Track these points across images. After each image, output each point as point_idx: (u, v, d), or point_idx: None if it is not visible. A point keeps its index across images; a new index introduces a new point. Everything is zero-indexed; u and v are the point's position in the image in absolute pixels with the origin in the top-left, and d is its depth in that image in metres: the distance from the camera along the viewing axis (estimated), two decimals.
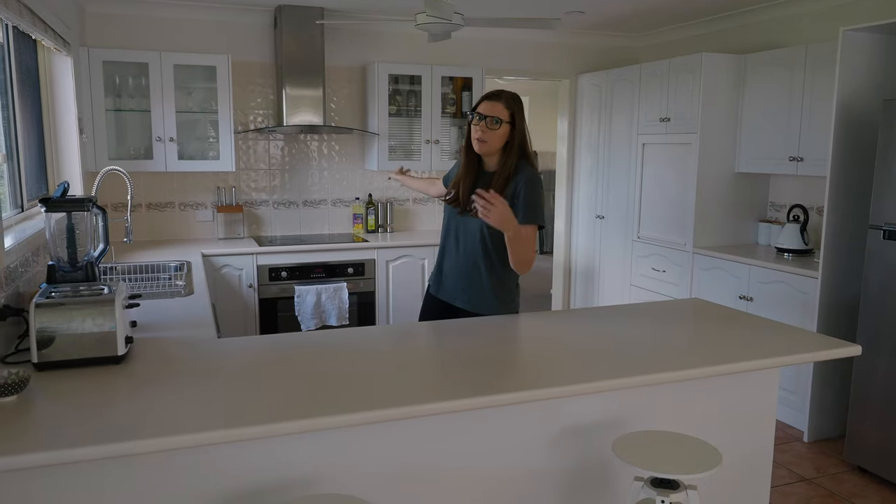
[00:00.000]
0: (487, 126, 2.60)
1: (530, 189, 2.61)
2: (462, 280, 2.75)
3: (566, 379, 1.93)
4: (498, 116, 2.60)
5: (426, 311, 2.94)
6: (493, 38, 5.63)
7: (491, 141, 2.62)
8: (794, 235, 4.33)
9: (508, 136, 2.63)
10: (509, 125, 2.62)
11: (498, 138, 2.62)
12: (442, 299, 2.83)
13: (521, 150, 2.66)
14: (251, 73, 5.04)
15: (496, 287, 2.71)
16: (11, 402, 1.67)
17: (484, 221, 2.52)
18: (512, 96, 2.67)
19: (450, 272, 2.80)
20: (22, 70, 3.20)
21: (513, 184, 2.62)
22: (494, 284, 2.71)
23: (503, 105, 2.62)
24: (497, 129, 2.60)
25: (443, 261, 2.85)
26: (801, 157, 4.24)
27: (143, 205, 4.90)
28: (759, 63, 4.55)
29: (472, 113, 2.67)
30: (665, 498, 1.89)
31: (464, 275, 2.74)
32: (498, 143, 2.63)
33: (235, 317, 4.56)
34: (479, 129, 2.62)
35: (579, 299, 6.23)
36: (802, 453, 3.78)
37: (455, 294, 2.78)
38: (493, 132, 2.60)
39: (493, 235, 2.65)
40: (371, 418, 1.70)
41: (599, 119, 5.79)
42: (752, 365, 2.14)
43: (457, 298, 2.77)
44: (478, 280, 2.71)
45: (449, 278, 2.81)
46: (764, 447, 2.52)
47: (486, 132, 2.60)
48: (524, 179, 2.62)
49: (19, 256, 2.31)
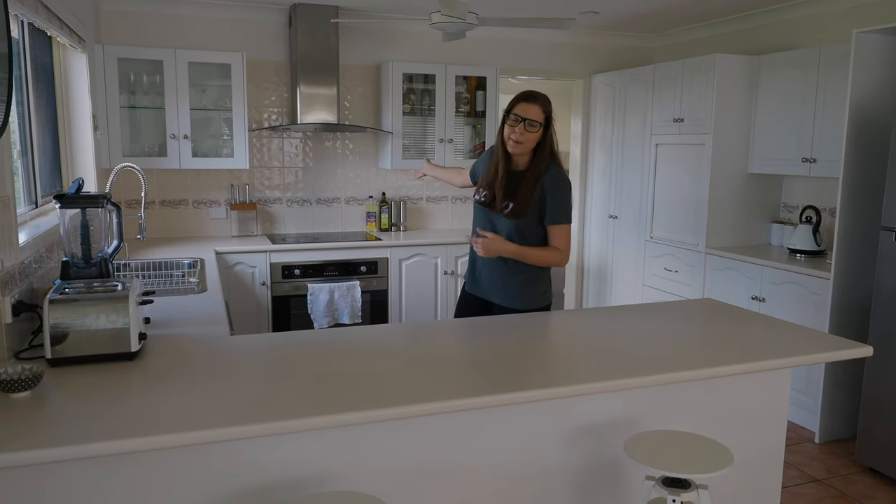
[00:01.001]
0: (526, 129, 2.66)
1: (558, 190, 2.71)
2: (496, 277, 2.83)
3: (579, 378, 1.93)
4: (536, 119, 2.66)
5: (462, 308, 3.02)
6: (508, 37, 5.63)
7: (526, 143, 2.69)
8: (806, 236, 4.31)
9: (542, 138, 2.70)
10: (544, 129, 2.69)
11: (532, 141, 2.70)
12: (478, 296, 2.92)
13: (551, 152, 2.74)
14: (266, 71, 5.06)
15: (528, 282, 2.81)
16: (25, 397, 1.69)
17: (519, 221, 2.70)
18: (547, 99, 2.73)
19: (483, 270, 2.88)
20: (37, 67, 3.22)
21: (541, 185, 2.70)
22: (526, 280, 2.80)
23: (540, 107, 2.68)
24: (533, 133, 2.67)
25: (476, 258, 2.91)
26: (814, 158, 4.22)
27: (156, 202, 4.94)
28: (772, 64, 4.53)
29: (510, 113, 2.71)
30: (676, 497, 1.88)
31: (497, 272, 2.82)
32: (532, 144, 2.70)
33: (248, 314, 4.58)
34: (517, 131, 2.67)
35: (592, 299, 6.22)
36: (814, 454, 3.76)
37: (490, 290, 2.86)
38: (530, 134, 2.67)
39: (521, 233, 2.73)
40: (383, 416, 1.70)
41: (613, 119, 5.77)
42: (763, 365, 2.13)
43: (492, 295, 2.85)
44: (510, 276, 2.80)
45: (483, 276, 2.88)
46: (775, 447, 2.51)
47: (523, 134, 2.66)
48: (551, 180, 2.70)
49: (33, 252, 2.33)
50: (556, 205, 2.71)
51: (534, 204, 2.72)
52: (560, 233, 2.76)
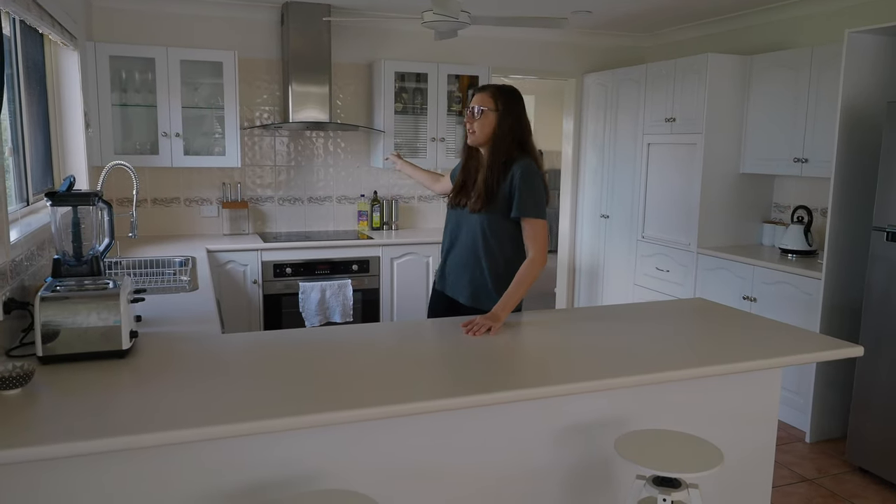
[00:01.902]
0: (473, 116, 2.64)
1: (527, 181, 2.58)
2: (464, 275, 2.75)
3: (569, 377, 1.94)
4: (480, 106, 2.63)
5: (433, 307, 2.97)
6: (500, 36, 5.63)
7: (479, 130, 2.65)
8: (797, 236, 4.33)
9: (496, 125, 2.63)
10: (496, 114, 2.63)
11: (485, 127, 2.64)
12: (447, 294, 2.85)
13: (514, 141, 2.64)
14: (258, 70, 5.05)
15: (497, 282, 2.68)
16: (16, 395, 1.68)
17: (485, 216, 2.62)
18: (500, 88, 2.68)
19: (453, 267, 2.81)
20: (29, 64, 3.21)
21: (509, 175, 2.61)
22: (495, 280, 2.69)
23: (487, 95, 2.65)
24: (482, 119, 2.63)
25: (447, 256, 2.86)
26: (805, 158, 4.24)
27: (148, 200, 4.92)
28: (764, 64, 4.55)
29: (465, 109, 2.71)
30: (667, 496, 1.89)
31: (466, 269, 2.74)
32: (486, 132, 2.64)
33: (240, 312, 4.57)
34: (467, 122, 2.68)
35: (583, 298, 6.23)
36: (804, 453, 3.78)
37: (457, 289, 2.78)
38: (479, 122, 2.64)
39: (493, 230, 2.66)
40: (373, 415, 1.71)
41: (605, 118, 5.78)
42: (754, 365, 2.14)
43: (459, 294, 2.77)
44: (479, 275, 2.70)
45: (452, 273, 2.81)
46: (766, 447, 2.52)
47: (471, 122, 2.65)
48: (521, 171, 2.59)
49: (24, 250, 2.32)
50: (523, 195, 2.56)
51: (502, 195, 2.61)
52: (532, 228, 2.58)
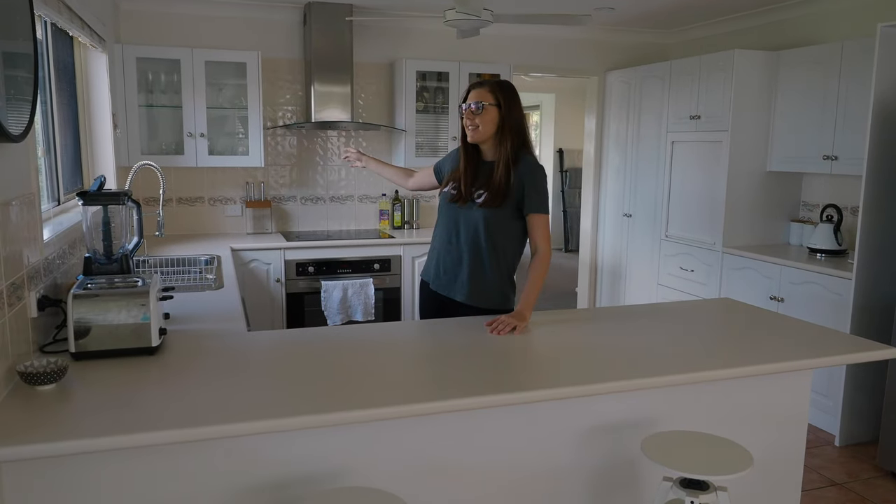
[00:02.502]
0: (473, 112, 2.60)
1: (536, 177, 2.60)
2: (462, 272, 2.68)
3: (595, 377, 1.92)
4: (481, 101, 2.59)
5: (425, 308, 2.88)
6: (522, 34, 5.61)
7: (482, 126, 2.60)
8: (827, 235, 4.27)
9: (499, 120, 2.61)
10: (497, 108, 2.60)
11: (488, 123, 2.60)
12: (441, 294, 2.76)
13: (517, 136, 2.63)
14: (280, 70, 5.07)
15: (499, 279, 2.68)
16: (50, 390, 1.71)
17: (485, 212, 2.59)
18: (498, 83, 2.65)
19: (449, 265, 2.72)
20: (59, 66, 3.25)
21: (518, 172, 2.59)
22: (497, 276, 2.67)
23: (487, 90, 2.62)
24: (482, 114, 2.59)
25: (440, 254, 2.77)
26: (835, 155, 4.18)
27: (173, 199, 4.97)
28: (792, 60, 4.49)
29: (460, 106, 2.67)
30: (694, 499, 1.87)
31: (463, 266, 2.68)
32: (489, 128, 2.60)
33: (263, 311, 4.60)
34: (467, 119, 2.62)
35: (605, 298, 6.20)
36: (834, 457, 3.73)
37: (454, 287, 2.71)
38: (480, 117, 2.59)
39: (497, 225, 2.62)
40: (398, 413, 1.71)
41: (628, 116, 5.74)
42: (784, 366, 2.12)
43: (457, 292, 2.70)
44: (480, 272, 2.66)
45: (448, 272, 2.73)
46: (795, 450, 2.49)
47: (472, 119, 2.60)
48: (529, 169, 2.60)
49: (57, 249, 2.35)
50: (535, 193, 2.59)
51: (510, 192, 2.59)
52: (541, 223, 2.62)
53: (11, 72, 1.67)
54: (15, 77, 1.70)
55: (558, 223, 10.80)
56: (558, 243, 10.84)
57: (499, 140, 2.62)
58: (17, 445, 1.43)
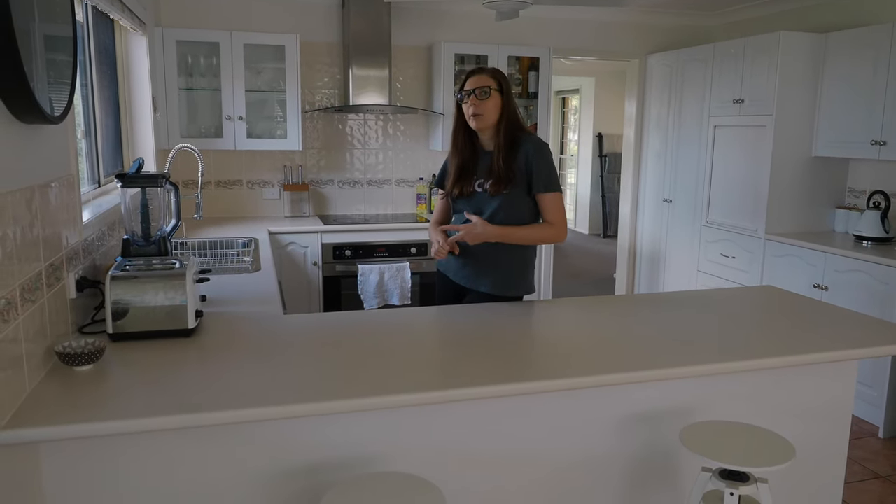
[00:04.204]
0: (478, 97, 2.54)
1: (542, 155, 2.57)
2: (484, 263, 2.64)
3: (633, 365, 1.89)
4: (486, 85, 2.54)
5: (443, 297, 2.83)
6: (561, 17, 5.52)
7: (486, 113, 2.55)
8: (874, 222, 4.14)
9: (501, 106, 2.57)
10: (500, 94, 2.56)
11: (492, 109, 2.56)
12: (462, 285, 2.71)
13: (515, 120, 2.60)
14: (319, 53, 5.07)
15: (520, 266, 2.66)
16: (88, 370, 1.73)
17: (503, 197, 2.56)
18: (496, 70, 2.62)
19: (470, 256, 2.66)
20: (100, 49, 3.29)
21: (522, 153, 2.56)
22: (518, 263, 2.66)
23: (489, 76, 2.57)
24: (488, 100, 2.54)
25: (459, 246, 2.68)
26: (884, 140, 4.04)
27: (212, 182, 5.02)
28: (840, 42, 4.34)
29: (459, 93, 2.61)
30: (734, 490, 1.83)
31: (487, 257, 2.63)
32: (493, 114, 2.56)
33: (300, 294, 4.64)
34: (470, 105, 2.56)
35: (644, 284, 6.11)
36: (878, 449, 3.63)
37: (478, 279, 2.66)
38: (484, 103, 2.54)
39: (513, 209, 2.58)
40: (434, 399, 1.70)
41: (669, 100, 5.63)
42: (828, 356, 2.05)
43: (481, 284, 2.65)
44: (501, 260, 2.63)
45: (469, 264, 2.68)
46: (838, 442, 2.43)
47: (477, 105, 2.54)
48: (534, 148, 2.56)
49: (96, 230, 2.38)
50: (543, 170, 2.54)
51: (518, 173, 2.55)
52: (552, 202, 2.57)
53: (52, 55, 1.69)
54: (55, 60, 1.72)
55: (597, 208, 10.69)
56: (596, 228, 10.74)
57: (498, 127, 2.58)
58: (56, 426, 1.45)
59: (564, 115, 11.84)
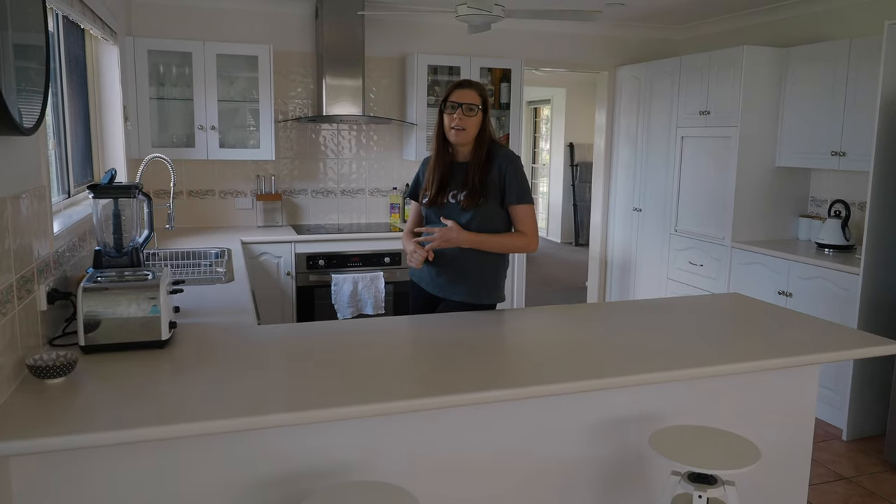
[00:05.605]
0: (464, 113, 2.59)
1: (516, 168, 2.65)
2: (457, 272, 2.69)
3: (604, 372, 1.93)
4: (474, 103, 2.61)
5: (417, 306, 2.86)
6: (533, 29, 5.60)
7: (469, 128, 2.61)
8: (835, 231, 4.25)
9: (482, 123, 2.64)
10: (483, 112, 2.64)
11: (474, 126, 2.62)
12: (436, 294, 2.75)
13: (491, 137, 2.69)
14: (292, 63, 5.08)
15: (493, 274, 2.72)
16: (59, 383, 1.72)
17: (477, 209, 2.60)
18: (482, 85, 2.70)
19: (443, 267, 2.70)
20: (70, 59, 3.27)
21: (496, 166, 2.62)
22: (491, 272, 2.71)
23: (476, 93, 2.63)
24: (473, 117, 2.61)
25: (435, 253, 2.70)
26: (843, 151, 4.16)
27: (184, 192, 4.99)
28: (801, 56, 4.47)
29: (444, 103, 2.65)
30: (702, 493, 1.88)
31: (459, 267, 2.68)
32: (474, 130, 2.63)
33: (273, 304, 4.62)
34: (455, 118, 2.60)
35: (615, 292, 6.19)
36: (841, 451, 3.72)
37: (451, 289, 2.70)
38: (469, 119, 2.60)
39: (487, 221, 2.64)
40: (408, 407, 1.71)
41: (638, 111, 5.73)
42: (791, 361, 2.11)
43: (454, 293, 2.70)
44: (475, 269, 2.68)
45: (443, 273, 2.71)
46: (803, 444, 2.49)
47: (463, 119, 2.60)
48: (507, 160, 2.64)
49: (67, 241, 2.37)
50: (515, 183, 2.61)
51: (492, 186, 2.61)
52: (525, 213, 2.64)
53: (23, 64, 1.68)
54: (27, 69, 1.71)
55: (569, 217, 10.78)
56: (568, 237, 10.83)
57: (478, 141, 2.65)
58: (26, 439, 1.44)
59: (536, 124, 11.95)
